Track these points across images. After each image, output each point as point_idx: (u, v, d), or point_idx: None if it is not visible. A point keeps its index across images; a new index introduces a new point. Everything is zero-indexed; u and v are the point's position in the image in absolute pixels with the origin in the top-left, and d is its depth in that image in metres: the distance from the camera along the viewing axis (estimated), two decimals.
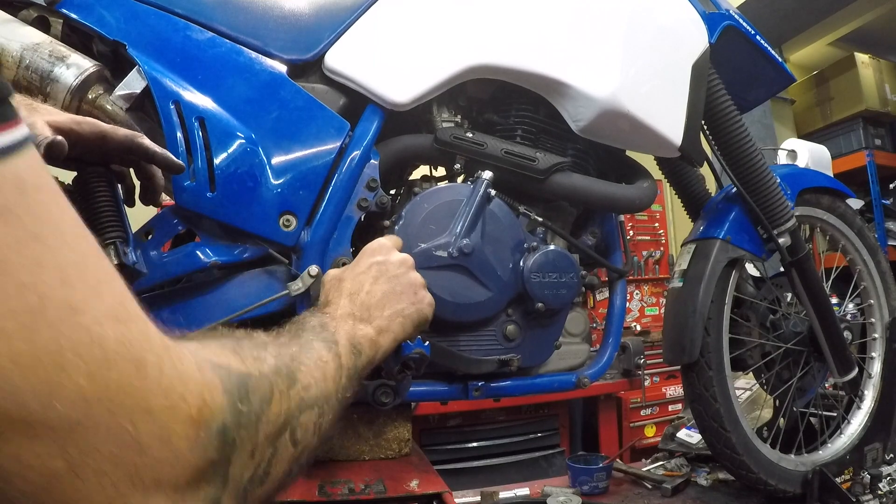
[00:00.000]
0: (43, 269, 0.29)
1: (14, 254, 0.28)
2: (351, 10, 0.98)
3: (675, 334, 1.24)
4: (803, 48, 4.18)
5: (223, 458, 0.36)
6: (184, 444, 0.33)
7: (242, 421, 0.38)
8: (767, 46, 1.32)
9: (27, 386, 0.27)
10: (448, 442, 2.59)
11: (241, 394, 0.39)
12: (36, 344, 0.28)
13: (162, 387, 0.32)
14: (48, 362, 0.28)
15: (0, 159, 0.28)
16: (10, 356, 0.27)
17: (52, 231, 0.30)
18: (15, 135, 0.29)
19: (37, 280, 0.28)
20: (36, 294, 0.28)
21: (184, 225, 0.90)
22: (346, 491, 0.91)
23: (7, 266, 0.28)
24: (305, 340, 0.56)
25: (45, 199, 0.30)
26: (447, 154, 1.02)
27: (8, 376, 0.27)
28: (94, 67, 0.83)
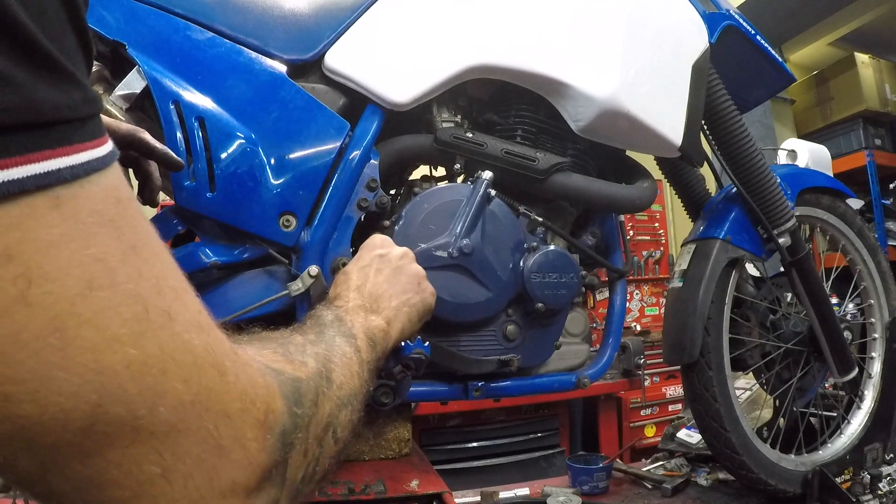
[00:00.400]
0: (143, 279, 0.30)
1: (121, 263, 0.29)
2: (351, 10, 0.98)
3: (675, 334, 1.24)
4: (803, 48, 4.18)
5: (283, 460, 0.38)
6: (255, 445, 0.34)
7: (298, 423, 0.40)
8: (767, 46, 1.32)
9: (137, 391, 0.29)
10: (448, 442, 2.58)
11: (296, 398, 0.41)
12: (145, 350, 0.29)
13: (238, 391, 0.34)
14: (154, 368, 0.29)
15: (101, 171, 0.30)
16: (125, 362, 0.28)
17: (144, 242, 0.31)
18: (108, 148, 0.31)
19: (140, 289, 0.30)
20: (142, 303, 0.30)
21: (184, 225, 0.90)
22: (346, 491, 0.91)
23: (116, 276, 0.29)
24: (329, 338, 0.57)
25: (135, 209, 0.32)
26: (447, 154, 1.02)
27: (121, 381, 0.28)
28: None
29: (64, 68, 0.28)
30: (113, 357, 0.28)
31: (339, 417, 0.48)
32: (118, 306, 0.28)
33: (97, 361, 0.27)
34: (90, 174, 0.29)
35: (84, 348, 0.27)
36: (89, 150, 0.29)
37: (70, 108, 0.28)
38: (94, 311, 0.28)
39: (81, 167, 0.28)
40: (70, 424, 0.27)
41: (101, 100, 0.32)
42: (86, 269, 0.28)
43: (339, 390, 0.49)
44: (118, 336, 0.28)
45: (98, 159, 0.29)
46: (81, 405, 0.27)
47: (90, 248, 0.28)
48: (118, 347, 0.28)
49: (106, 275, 0.28)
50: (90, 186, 0.29)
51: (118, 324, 0.28)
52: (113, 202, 0.30)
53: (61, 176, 0.27)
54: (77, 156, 0.28)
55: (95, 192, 0.29)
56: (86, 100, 0.29)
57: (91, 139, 0.29)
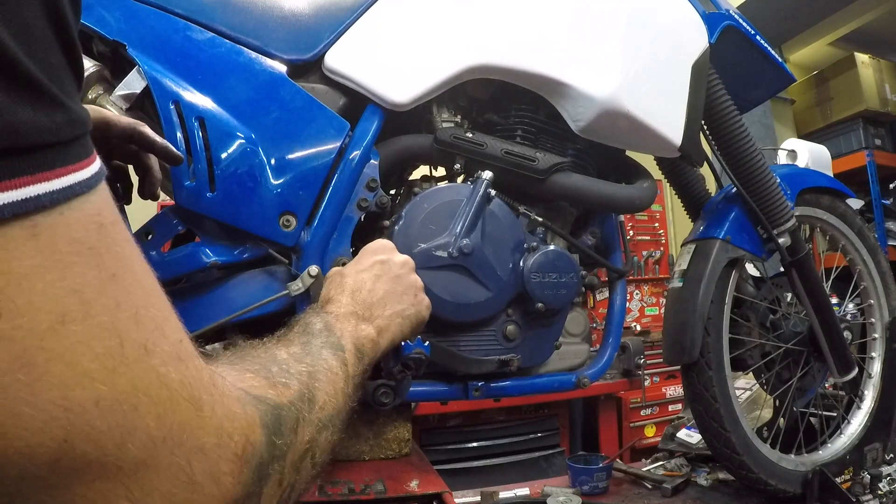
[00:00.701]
0: (120, 310, 0.29)
1: (98, 295, 0.28)
2: (351, 10, 0.98)
3: (675, 334, 1.24)
4: (803, 48, 4.18)
5: (258, 491, 0.37)
6: (229, 480, 0.34)
7: (276, 454, 0.39)
8: (767, 46, 1.32)
9: (106, 427, 0.28)
10: (448, 442, 2.58)
11: (276, 427, 0.40)
12: (116, 386, 0.28)
13: (213, 426, 0.33)
14: (125, 404, 0.29)
15: (83, 196, 0.29)
16: (94, 398, 0.28)
17: (126, 269, 0.30)
18: (93, 169, 0.30)
19: (116, 321, 0.29)
20: (117, 336, 0.29)
21: (184, 225, 0.90)
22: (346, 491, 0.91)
23: (92, 308, 0.28)
24: (315, 350, 0.56)
25: (119, 235, 0.31)
26: (447, 154, 1.03)
27: (90, 418, 0.27)
28: (94, 67, 0.83)
29: (47, 90, 0.27)
30: (82, 393, 0.27)
31: (318, 441, 0.47)
32: (91, 340, 0.28)
33: (65, 398, 0.27)
34: (71, 199, 0.28)
35: (52, 384, 0.26)
36: (72, 173, 0.28)
37: (52, 131, 0.27)
38: (65, 346, 0.27)
39: (62, 192, 0.28)
40: (35, 459, 0.26)
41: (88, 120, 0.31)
42: (59, 302, 0.27)
43: (320, 412, 0.49)
44: (88, 372, 0.27)
45: (81, 183, 0.29)
46: (47, 441, 0.26)
47: (66, 280, 0.27)
48: (88, 384, 0.27)
49: (80, 307, 0.28)
50: (71, 213, 0.28)
51: (89, 359, 0.28)
52: (95, 228, 0.29)
53: (40, 203, 0.26)
54: (58, 181, 0.27)
55: (76, 218, 0.28)
56: (70, 121, 0.28)
57: (74, 162, 0.29)
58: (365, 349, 0.64)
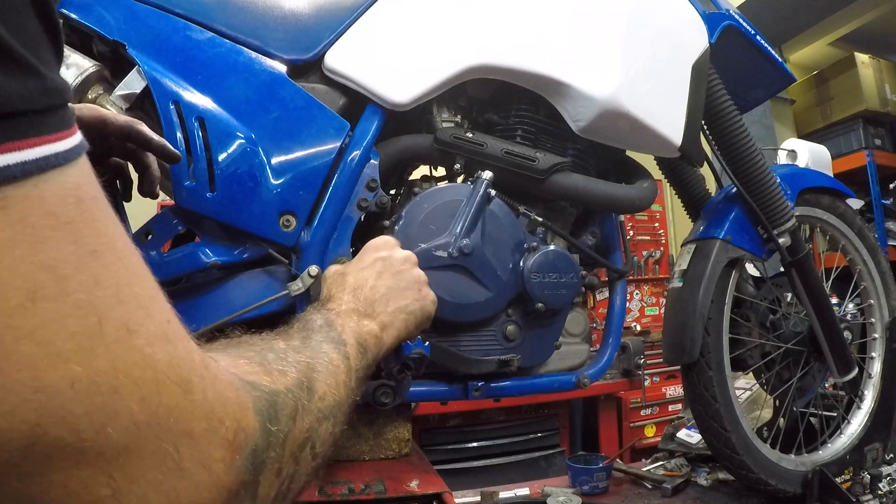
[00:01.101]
0: (100, 287, 0.28)
1: (75, 271, 0.27)
2: (351, 10, 0.98)
3: (675, 334, 1.24)
4: (803, 48, 4.18)
5: (254, 480, 0.36)
6: (220, 467, 0.32)
7: (272, 441, 0.38)
8: (767, 46, 1.32)
9: (82, 411, 0.26)
10: (448, 442, 2.58)
11: (271, 414, 0.38)
12: (94, 367, 0.27)
13: (204, 410, 0.32)
14: (104, 386, 0.27)
15: (60, 168, 0.27)
16: (69, 380, 0.26)
17: (107, 245, 0.29)
18: (73, 142, 0.28)
19: (95, 299, 0.27)
20: (95, 314, 0.27)
21: (184, 225, 0.90)
22: (346, 491, 0.91)
23: (68, 285, 0.26)
24: (316, 343, 0.55)
25: (100, 210, 0.29)
26: (447, 154, 1.02)
27: (64, 401, 0.26)
28: (94, 67, 0.83)
29: (19, 56, 0.25)
30: (55, 374, 0.25)
31: (318, 431, 0.46)
32: (65, 318, 0.26)
33: (36, 379, 0.25)
34: (46, 171, 0.26)
35: (22, 364, 0.25)
36: (47, 144, 0.27)
37: (24, 98, 0.26)
38: (35, 324, 0.25)
39: (35, 164, 0.26)
40: (7, 444, 0.25)
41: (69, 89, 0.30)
42: (30, 278, 0.25)
43: (320, 402, 0.47)
44: (62, 352, 0.26)
45: (58, 154, 0.27)
46: (18, 425, 0.25)
47: (38, 255, 0.26)
48: (61, 364, 0.26)
49: (54, 284, 0.26)
50: (46, 186, 0.26)
51: (63, 338, 0.26)
52: (73, 203, 0.27)
53: (9, 173, 0.25)
54: (30, 151, 0.26)
55: (52, 191, 0.27)
56: (45, 90, 0.27)
57: (50, 132, 0.27)
58: (368, 344, 0.63)
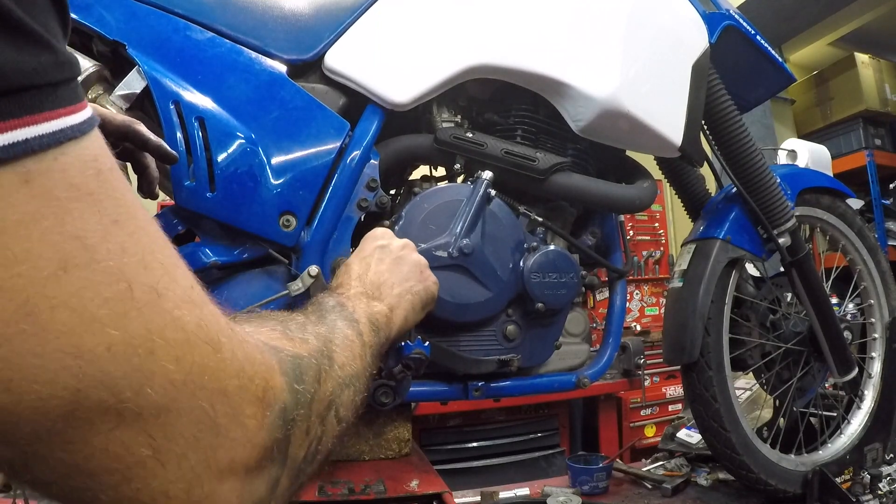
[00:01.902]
0: (126, 254, 0.28)
1: (101, 241, 0.27)
2: (351, 10, 0.98)
3: (675, 334, 1.24)
4: (803, 48, 4.18)
5: (285, 438, 0.37)
6: (253, 423, 0.33)
7: (300, 400, 0.39)
8: (767, 46, 1.32)
9: (121, 373, 0.27)
10: (448, 442, 2.58)
11: (297, 375, 0.39)
12: (129, 330, 0.27)
13: (234, 368, 0.32)
14: (140, 349, 0.28)
15: (76, 140, 0.27)
16: (106, 344, 0.27)
17: (128, 215, 0.29)
18: (86, 115, 0.29)
19: (123, 266, 0.28)
20: (125, 280, 0.28)
21: (184, 225, 0.90)
22: (346, 491, 0.91)
23: (96, 254, 0.27)
24: (330, 321, 0.56)
25: (118, 180, 0.30)
26: (447, 154, 1.02)
27: (103, 365, 0.26)
28: (94, 67, 0.83)
29: (30, 29, 0.25)
30: (92, 339, 0.26)
31: (341, 397, 0.47)
32: (97, 286, 0.27)
33: (75, 346, 0.26)
34: (64, 143, 0.27)
35: (60, 332, 0.25)
36: (63, 117, 0.27)
37: (38, 72, 0.26)
38: (69, 292, 0.26)
39: (53, 136, 0.26)
40: (49, 413, 0.25)
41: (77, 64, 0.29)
42: (60, 249, 0.26)
43: (340, 370, 0.48)
44: (98, 317, 0.26)
45: (73, 127, 0.27)
46: (60, 392, 0.25)
47: (65, 226, 0.26)
48: (98, 329, 0.26)
49: (83, 253, 0.26)
50: (65, 158, 0.27)
51: (97, 304, 0.26)
52: (93, 174, 0.28)
53: (29, 147, 0.25)
54: (47, 124, 0.26)
55: (71, 163, 0.27)
56: (57, 63, 0.27)
57: (65, 105, 0.27)
58: (379, 323, 0.64)
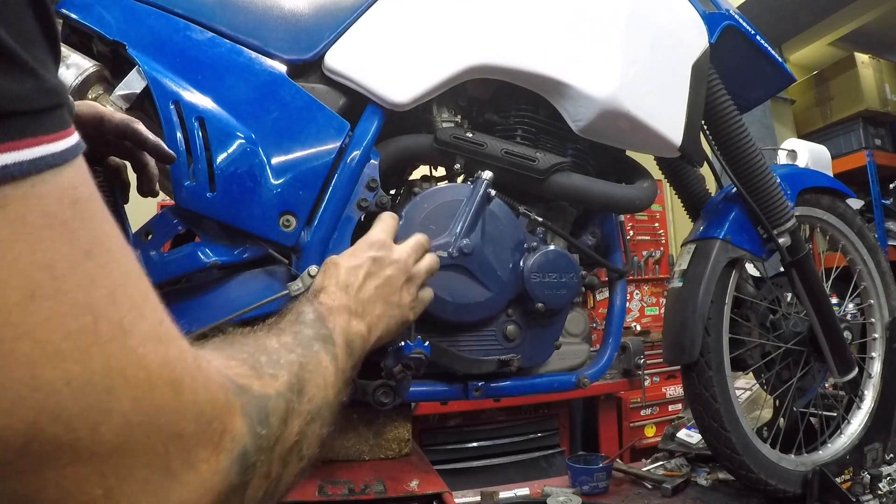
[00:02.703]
0: (95, 287, 0.28)
1: (70, 271, 0.27)
2: (351, 10, 0.98)
3: (675, 334, 1.24)
4: (803, 48, 4.17)
5: (242, 484, 0.36)
6: (206, 468, 0.33)
7: (261, 444, 0.38)
8: (767, 46, 1.32)
9: (77, 409, 0.27)
10: (448, 442, 2.58)
11: (261, 417, 0.39)
12: (89, 366, 0.27)
13: (194, 411, 0.32)
14: (99, 385, 0.27)
15: (56, 168, 0.27)
16: (65, 378, 0.26)
17: (102, 246, 0.29)
18: (69, 142, 0.29)
19: (90, 299, 0.28)
20: (91, 314, 0.28)
21: (184, 225, 0.90)
22: (346, 491, 0.91)
23: (64, 284, 0.27)
24: (306, 341, 0.55)
25: (95, 210, 0.30)
26: (447, 154, 1.02)
27: (61, 399, 0.26)
28: (94, 67, 0.83)
29: (15, 55, 0.25)
30: (52, 372, 0.26)
31: (307, 433, 0.46)
32: (63, 317, 0.26)
33: (34, 377, 0.25)
34: (44, 171, 0.27)
35: (20, 363, 0.25)
36: (45, 144, 0.27)
37: (22, 99, 0.26)
38: (34, 322, 0.26)
39: (33, 163, 0.26)
40: (3, 442, 0.25)
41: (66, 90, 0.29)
42: (29, 277, 0.26)
43: (309, 403, 0.47)
44: (60, 350, 0.26)
45: (54, 154, 0.27)
46: (15, 423, 0.25)
47: (36, 254, 0.26)
48: (59, 362, 0.26)
49: (51, 283, 0.26)
50: (43, 186, 0.27)
51: (61, 336, 0.26)
52: (69, 203, 0.28)
53: (7, 173, 0.25)
54: (28, 151, 0.26)
55: (49, 191, 0.27)
56: (42, 91, 0.27)
57: (47, 132, 0.27)
58: (355, 345, 0.63)
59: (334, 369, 0.55)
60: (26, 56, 0.26)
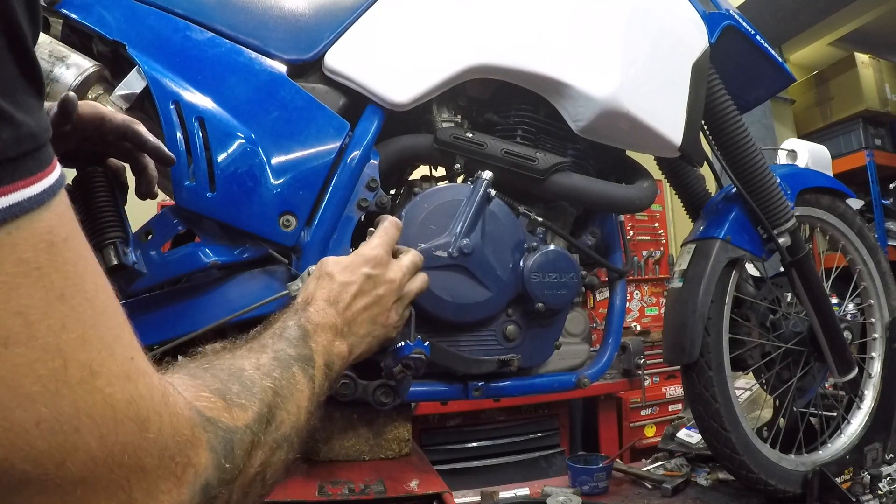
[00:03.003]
0: (66, 331, 0.29)
1: (42, 316, 0.28)
2: (351, 10, 0.98)
3: (675, 334, 1.24)
4: (803, 48, 4.18)
5: None
6: (168, 499, 0.34)
7: (224, 477, 0.39)
8: (767, 46, 1.32)
9: (45, 447, 0.28)
10: (448, 442, 2.58)
11: (227, 451, 0.40)
12: (58, 408, 0.29)
13: (157, 446, 0.33)
14: (66, 425, 0.29)
15: (33, 213, 0.28)
16: (35, 420, 0.28)
17: (76, 287, 0.30)
18: (47, 182, 0.29)
19: (61, 342, 0.29)
20: (61, 357, 0.29)
21: (184, 225, 0.90)
22: (346, 491, 0.91)
23: (36, 330, 0.28)
24: (286, 361, 0.55)
25: (72, 252, 0.31)
26: (447, 154, 1.02)
27: (30, 439, 0.28)
28: (94, 67, 0.83)
29: None
30: (23, 415, 0.27)
31: (272, 461, 0.47)
32: (34, 363, 0.28)
33: (6, 419, 0.27)
34: (20, 217, 0.28)
35: None
36: (21, 189, 0.28)
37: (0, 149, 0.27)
38: (7, 368, 0.27)
39: (9, 210, 0.27)
40: None
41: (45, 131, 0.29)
42: (3, 325, 0.27)
43: (277, 432, 0.48)
44: (30, 394, 0.28)
45: (31, 199, 0.28)
46: None
47: (11, 302, 0.27)
48: (29, 405, 0.28)
49: (24, 330, 0.28)
50: (19, 233, 0.28)
51: (32, 381, 0.28)
52: (44, 247, 0.29)
53: None
54: (3, 199, 0.27)
55: (24, 237, 0.28)
56: (19, 138, 0.28)
57: (25, 177, 0.28)
58: (335, 366, 0.64)
59: (309, 393, 0.56)
60: (5, 104, 0.27)
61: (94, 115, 0.70)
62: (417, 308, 0.86)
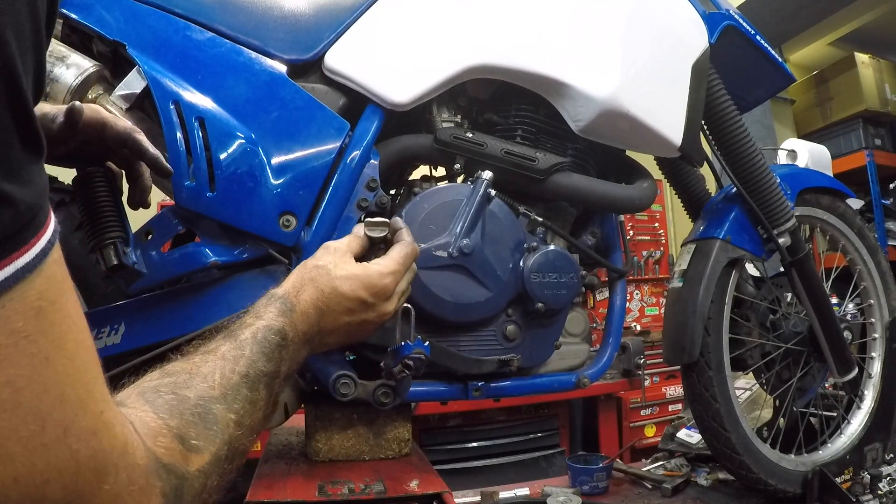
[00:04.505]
0: (47, 394, 0.31)
1: (28, 382, 0.30)
2: (351, 10, 0.98)
3: (675, 334, 1.24)
4: (803, 48, 4.18)
5: None
6: None
7: None
8: (767, 46, 1.32)
9: (18, 498, 0.30)
10: (448, 442, 2.58)
11: (177, 496, 0.43)
12: (34, 465, 0.31)
13: (111, 495, 0.36)
14: (38, 479, 0.31)
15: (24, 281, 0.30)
16: (13, 476, 0.30)
17: (59, 349, 0.32)
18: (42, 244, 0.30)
19: (42, 405, 0.31)
20: (40, 419, 0.31)
21: (184, 225, 0.90)
22: (346, 491, 0.90)
23: (20, 395, 0.30)
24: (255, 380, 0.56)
25: (58, 313, 0.32)
26: (447, 154, 1.02)
27: (6, 492, 0.30)
28: (94, 67, 0.83)
29: None
30: (3, 472, 0.30)
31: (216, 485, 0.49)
32: (17, 427, 0.30)
33: None
34: (12, 288, 0.29)
35: None
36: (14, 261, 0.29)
37: None
38: None
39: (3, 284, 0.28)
40: None
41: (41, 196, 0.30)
42: None
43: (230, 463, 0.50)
44: (11, 453, 0.30)
45: (24, 268, 0.29)
46: None
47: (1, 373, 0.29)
48: (9, 464, 0.30)
49: (12, 397, 0.29)
50: (11, 304, 0.29)
51: (13, 442, 0.30)
52: (33, 314, 0.30)
53: None
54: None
55: (15, 309, 0.29)
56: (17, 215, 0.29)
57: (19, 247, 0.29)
58: (291, 371, 0.65)
59: (263, 405, 0.57)
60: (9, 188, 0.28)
61: (96, 120, 0.70)
62: (417, 308, 0.86)
